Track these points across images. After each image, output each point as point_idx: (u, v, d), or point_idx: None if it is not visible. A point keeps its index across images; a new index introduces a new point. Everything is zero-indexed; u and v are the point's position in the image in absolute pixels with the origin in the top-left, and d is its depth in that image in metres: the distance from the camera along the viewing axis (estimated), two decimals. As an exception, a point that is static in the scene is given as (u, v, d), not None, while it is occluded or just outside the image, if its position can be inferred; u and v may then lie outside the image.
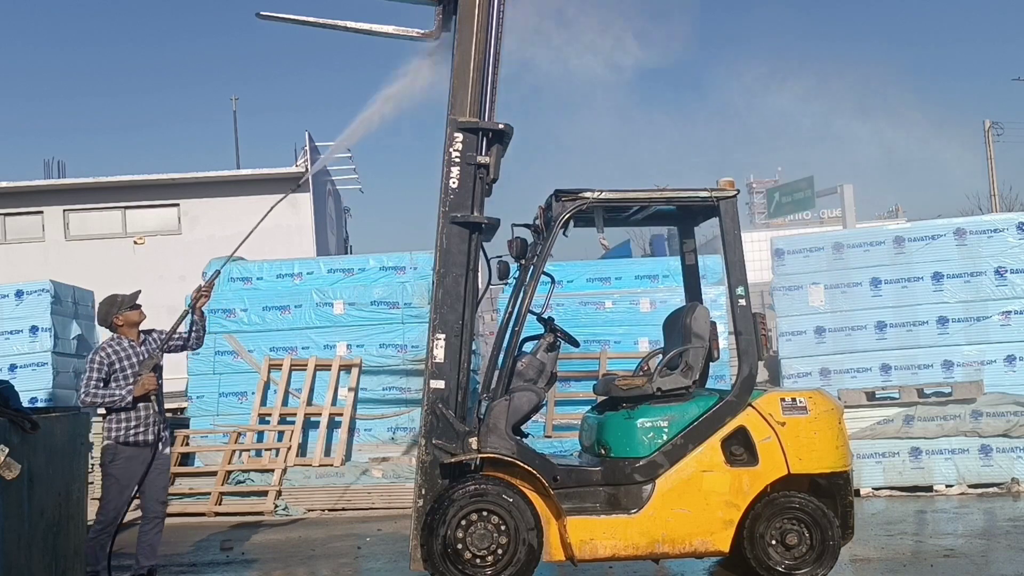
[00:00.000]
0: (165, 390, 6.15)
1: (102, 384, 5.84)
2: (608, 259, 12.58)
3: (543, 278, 5.94)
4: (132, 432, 5.87)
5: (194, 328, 6.31)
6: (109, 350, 5.93)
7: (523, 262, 6.15)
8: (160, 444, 5.99)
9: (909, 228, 10.91)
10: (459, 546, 5.54)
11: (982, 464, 9.35)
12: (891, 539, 7.41)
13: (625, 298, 11.40)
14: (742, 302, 5.88)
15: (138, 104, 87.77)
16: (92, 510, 6.04)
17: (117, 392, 5.82)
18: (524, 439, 5.93)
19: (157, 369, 5.97)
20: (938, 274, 10.24)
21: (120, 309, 6.03)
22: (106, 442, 5.89)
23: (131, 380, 5.86)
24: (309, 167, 21.29)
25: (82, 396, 5.85)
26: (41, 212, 21.42)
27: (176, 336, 6.23)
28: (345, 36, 6.66)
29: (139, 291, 6.27)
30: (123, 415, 5.85)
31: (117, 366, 5.89)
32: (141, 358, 5.93)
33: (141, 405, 5.87)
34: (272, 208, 6.93)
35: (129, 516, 9.52)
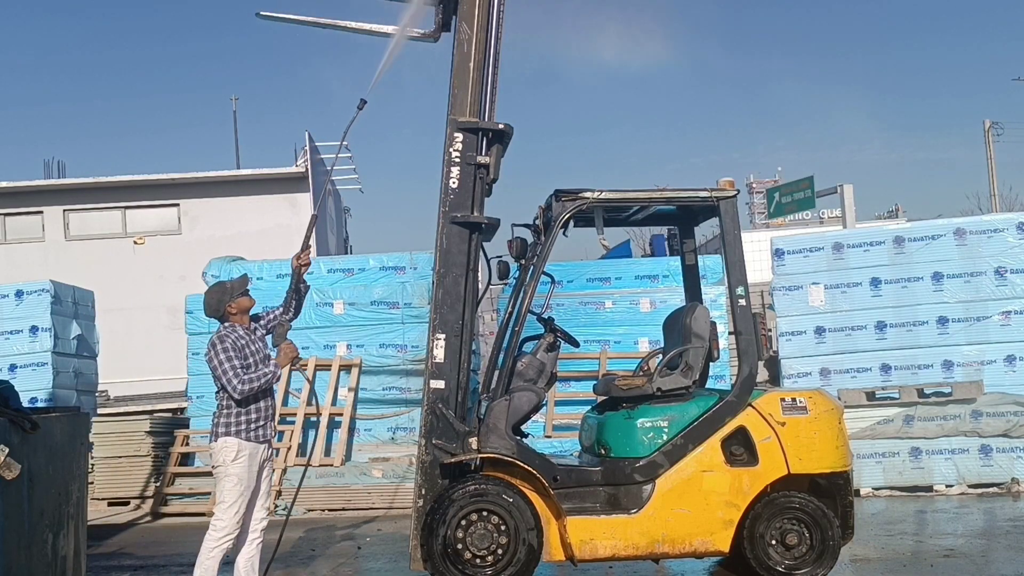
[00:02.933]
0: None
1: (244, 367, 5.36)
2: (608, 259, 12.57)
3: (543, 278, 5.94)
4: (254, 426, 5.43)
5: (295, 297, 5.83)
6: (233, 336, 5.43)
7: (523, 262, 6.15)
8: (269, 447, 5.62)
9: (909, 228, 10.90)
10: (459, 546, 5.54)
11: (982, 464, 9.35)
12: (891, 539, 7.41)
13: (625, 298, 11.40)
14: (742, 302, 5.88)
15: (138, 104, 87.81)
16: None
17: (266, 370, 5.41)
18: (524, 439, 5.93)
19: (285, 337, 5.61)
20: (938, 274, 10.24)
21: (232, 297, 5.55)
22: (224, 438, 5.37)
23: (252, 371, 5.40)
24: (310, 167, 21.29)
25: (237, 386, 5.27)
26: (41, 212, 21.42)
27: (280, 311, 5.82)
28: (345, 36, 6.66)
29: (246, 275, 5.85)
30: (244, 408, 5.38)
31: (240, 353, 5.41)
32: (257, 345, 5.54)
33: (262, 396, 5.48)
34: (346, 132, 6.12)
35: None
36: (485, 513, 5.58)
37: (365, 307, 10.99)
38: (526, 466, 5.64)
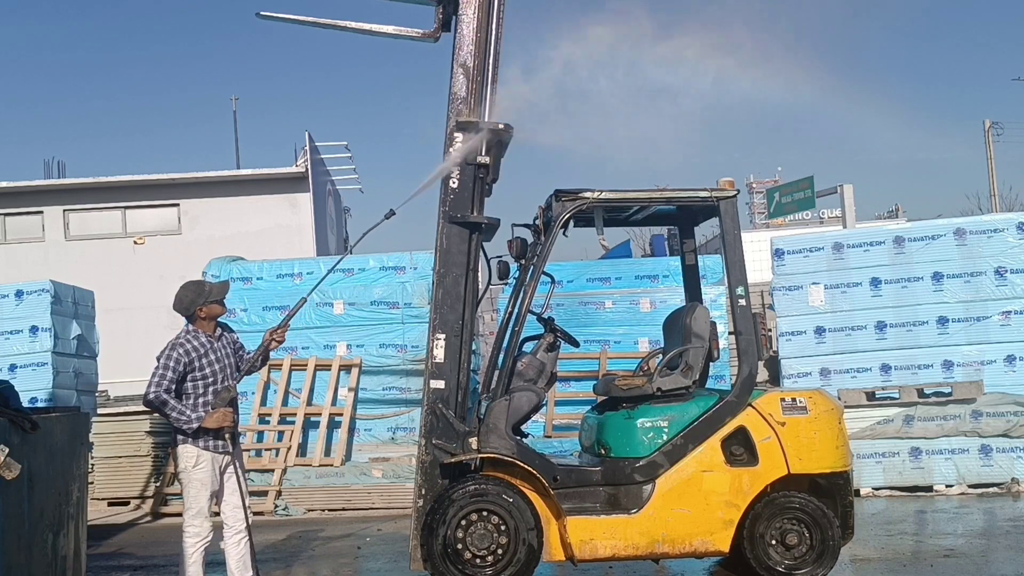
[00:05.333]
0: None
1: (175, 383, 5.25)
2: (608, 259, 12.59)
3: (543, 278, 5.94)
4: (213, 440, 5.35)
5: (254, 365, 5.72)
6: (188, 346, 5.33)
7: (523, 262, 6.15)
8: (235, 448, 5.55)
9: (909, 228, 10.90)
10: (459, 546, 5.54)
11: (982, 464, 9.34)
12: (891, 539, 7.41)
13: (625, 298, 11.40)
14: (742, 302, 5.88)
15: (138, 104, 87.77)
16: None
17: (189, 413, 5.23)
18: (524, 439, 5.93)
19: (232, 402, 5.44)
20: (938, 274, 10.23)
21: (207, 300, 5.44)
22: (183, 445, 5.32)
23: (209, 380, 5.34)
24: (310, 167, 21.33)
25: (150, 395, 5.17)
26: (41, 212, 21.46)
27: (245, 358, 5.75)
28: (345, 36, 6.66)
29: (228, 282, 5.81)
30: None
31: (196, 364, 5.31)
32: (219, 355, 5.43)
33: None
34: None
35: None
36: (485, 513, 5.58)
37: (365, 307, 11.00)
38: (526, 466, 5.64)
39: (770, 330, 15.02)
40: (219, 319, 5.60)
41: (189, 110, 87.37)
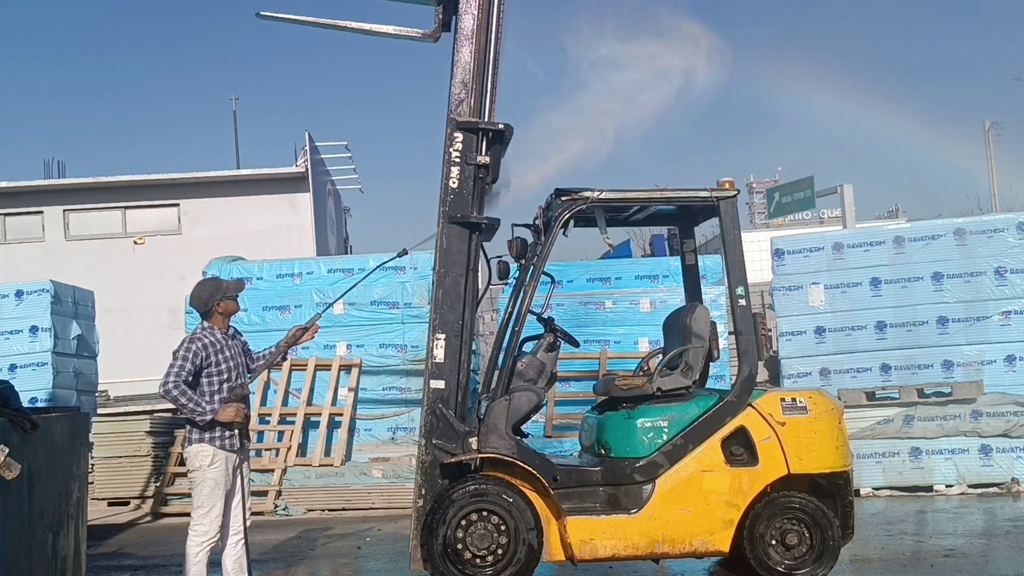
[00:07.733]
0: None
1: (192, 376, 5.32)
2: (608, 259, 12.58)
3: (543, 278, 5.94)
4: (228, 434, 5.42)
5: (275, 359, 5.89)
6: (206, 340, 5.41)
7: (523, 262, 6.15)
8: (244, 452, 5.61)
9: (909, 228, 10.91)
10: (459, 546, 5.54)
11: (982, 464, 9.35)
12: (891, 539, 7.41)
13: (625, 298, 11.40)
14: (742, 302, 5.88)
15: (138, 104, 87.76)
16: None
17: (204, 405, 5.31)
18: (524, 439, 5.93)
19: (244, 400, 5.51)
20: (938, 274, 10.24)
21: (224, 296, 5.52)
22: (199, 445, 5.38)
23: (224, 376, 5.42)
24: (310, 167, 21.34)
25: (168, 384, 5.24)
26: (41, 212, 21.44)
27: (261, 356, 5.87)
28: (345, 36, 6.66)
29: (243, 280, 5.97)
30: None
31: (212, 359, 5.39)
32: (232, 352, 5.52)
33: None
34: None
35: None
36: (485, 513, 5.58)
37: (365, 307, 11.00)
38: (526, 466, 5.64)
39: (770, 330, 15.04)
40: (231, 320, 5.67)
41: (189, 110, 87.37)
